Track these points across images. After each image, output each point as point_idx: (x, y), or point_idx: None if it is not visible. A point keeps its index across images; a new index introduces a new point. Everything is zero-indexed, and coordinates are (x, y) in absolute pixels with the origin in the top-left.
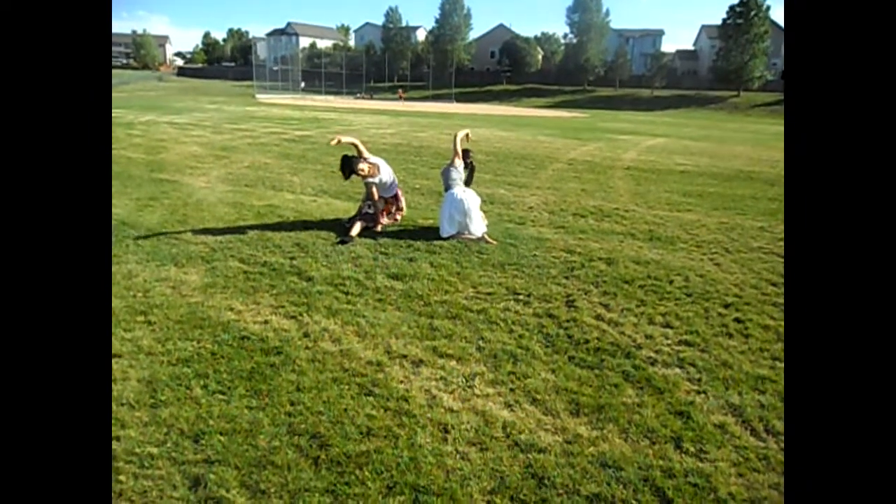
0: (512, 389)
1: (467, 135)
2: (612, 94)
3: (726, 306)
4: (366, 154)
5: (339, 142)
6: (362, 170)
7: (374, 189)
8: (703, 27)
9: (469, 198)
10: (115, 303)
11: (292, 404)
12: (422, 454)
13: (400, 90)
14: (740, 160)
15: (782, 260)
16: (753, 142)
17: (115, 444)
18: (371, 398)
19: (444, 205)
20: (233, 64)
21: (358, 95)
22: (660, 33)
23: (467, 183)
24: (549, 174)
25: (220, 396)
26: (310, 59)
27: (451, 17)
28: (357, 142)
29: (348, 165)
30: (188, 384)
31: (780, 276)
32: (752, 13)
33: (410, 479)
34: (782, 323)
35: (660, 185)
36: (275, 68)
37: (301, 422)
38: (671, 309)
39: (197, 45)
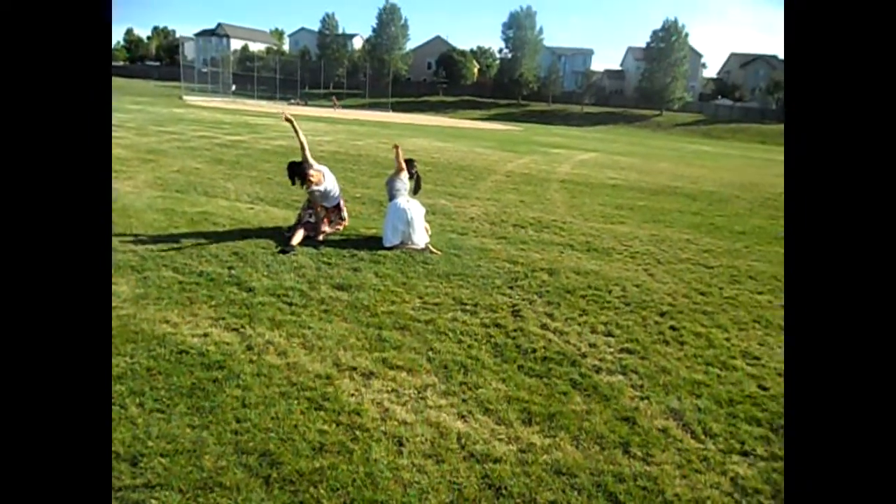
0: (464, 400)
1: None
2: (544, 109)
3: (662, 314)
4: (311, 159)
5: (287, 118)
6: (312, 176)
7: (318, 197)
8: (630, 49)
9: (413, 208)
10: None
11: (238, 421)
12: (377, 469)
13: (335, 97)
14: (665, 176)
15: (708, 270)
16: (675, 159)
17: None
18: (322, 412)
19: (387, 215)
20: (158, 63)
21: (292, 101)
22: (590, 52)
23: (414, 193)
24: (488, 185)
25: (159, 415)
26: (241, 62)
27: (389, 26)
28: (304, 141)
29: (298, 171)
30: (122, 403)
31: (707, 285)
32: (673, 38)
33: (367, 494)
34: (714, 331)
35: (594, 198)
36: (204, 70)
37: (249, 439)
38: (612, 318)
39: (118, 42)
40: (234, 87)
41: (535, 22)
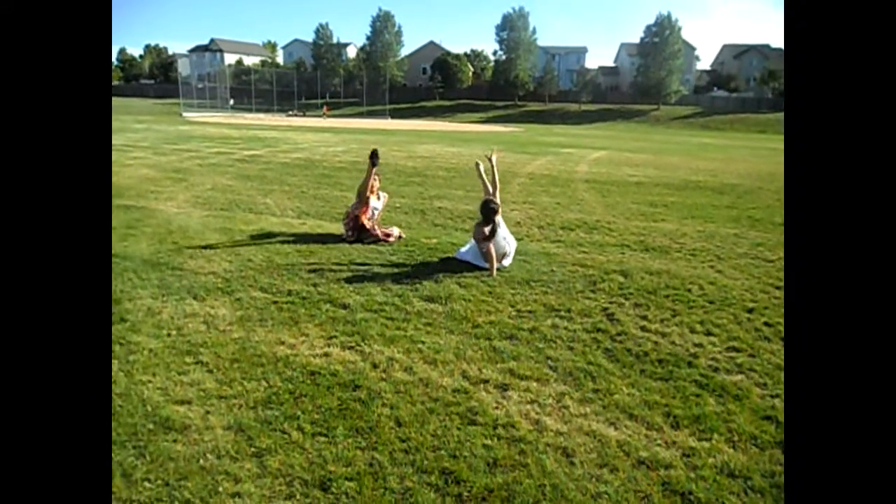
0: (604, 407)
1: (490, 159)
2: (542, 109)
3: (749, 311)
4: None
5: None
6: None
7: (367, 206)
8: (623, 45)
9: (508, 258)
10: (153, 343)
11: (402, 440)
12: (560, 482)
13: (325, 106)
14: (682, 170)
15: (770, 264)
16: (683, 153)
17: (238, 501)
18: (478, 427)
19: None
20: (152, 81)
21: (290, 113)
22: (583, 50)
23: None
24: (516, 189)
25: (322, 438)
26: (237, 76)
27: (383, 34)
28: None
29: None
30: (281, 428)
31: (778, 279)
32: (667, 33)
33: None
34: None
35: (625, 197)
36: (200, 86)
37: (422, 458)
38: (703, 317)
39: (112, 62)
40: (231, 102)
41: (528, 23)
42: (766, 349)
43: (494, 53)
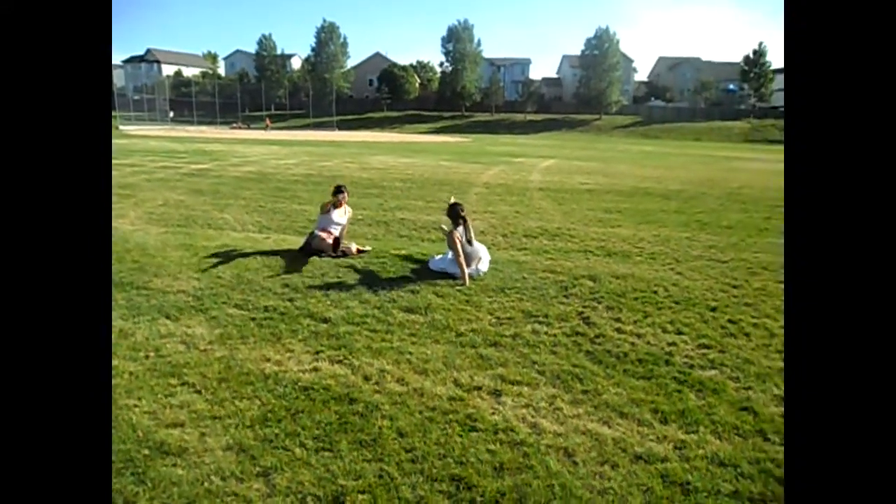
0: (595, 407)
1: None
2: (488, 119)
3: (713, 310)
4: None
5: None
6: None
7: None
8: (565, 57)
9: (484, 263)
10: (132, 367)
11: (407, 451)
12: (567, 481)
13: (267, 119)
14: (630, 178)
15: (724, 265)
16: (628, 161)
17: None
18: (479, 433)
19: (460, 272)
20: None
21: (234, 125)
22: (527, 62)
23: (469, 240)
24: (474, 198)
25: (327, 453)
26: (176, 88)
27: (328, 45)
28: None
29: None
30: (283, 445)
31: (734, 279)
32: (606, 45)
33: None
34: (766, 320)
35: (580, 204)
36: (136, 98)
37: (430, 467)
38: (672, 317)
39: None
40: (171, 114)
41: (473, 35)
42: (733, 345)
43: (441, 65)
